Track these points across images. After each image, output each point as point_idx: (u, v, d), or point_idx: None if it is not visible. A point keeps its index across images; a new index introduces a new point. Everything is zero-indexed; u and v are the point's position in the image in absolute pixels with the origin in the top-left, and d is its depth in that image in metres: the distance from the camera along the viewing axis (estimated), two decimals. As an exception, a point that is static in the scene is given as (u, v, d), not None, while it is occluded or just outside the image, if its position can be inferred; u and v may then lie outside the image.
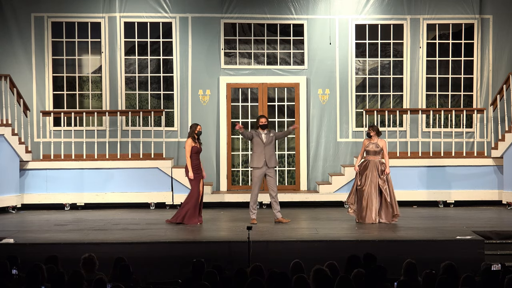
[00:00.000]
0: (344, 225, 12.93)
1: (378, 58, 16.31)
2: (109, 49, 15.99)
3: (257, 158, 13.05)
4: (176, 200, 15.22)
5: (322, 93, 16.15)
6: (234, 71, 16.13)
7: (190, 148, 13.01)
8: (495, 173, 15.23)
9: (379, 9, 16.10)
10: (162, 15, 16.01)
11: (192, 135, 13.09)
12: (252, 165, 13.13)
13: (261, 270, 7.95)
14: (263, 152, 13.04)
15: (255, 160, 13.07)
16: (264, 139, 13.08)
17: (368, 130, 13.21)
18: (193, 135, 13.09)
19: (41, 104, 15.93)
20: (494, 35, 16.06)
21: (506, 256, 11.14)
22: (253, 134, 13.13)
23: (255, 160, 13.07)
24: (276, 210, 13.12)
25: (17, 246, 10.94)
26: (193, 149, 13.01)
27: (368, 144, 13.08)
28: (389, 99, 16.37)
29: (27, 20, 15.86)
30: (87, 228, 12.63)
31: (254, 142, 13.13)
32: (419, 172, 15.31)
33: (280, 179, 16.12)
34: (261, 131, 13.13)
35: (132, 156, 15.48)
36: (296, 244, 11.10)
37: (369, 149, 13.07)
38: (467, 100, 16.32)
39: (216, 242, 11.20)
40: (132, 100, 16.17)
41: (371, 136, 13.13)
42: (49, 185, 15.12)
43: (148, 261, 10.68)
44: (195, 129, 13.12)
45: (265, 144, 13.06)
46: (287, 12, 16.09)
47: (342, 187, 15.32)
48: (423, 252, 10.70)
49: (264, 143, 13.06)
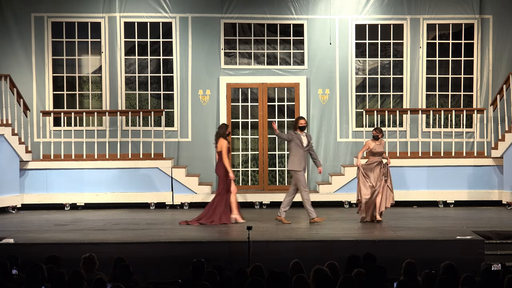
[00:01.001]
0: (344, 225, 12.93)
1: (378, 58, 16.31)
2: (109, 49, 15.99)
3: (298, 161, 12.92)
4: (176, 200, 15.22)
5: (322, 93, 16.15)
6: (234, 71, 16.13)
7: (226, 149, 13.01)
8: (495, 173, 15.23)
9: (379, 9, 16.10)
10: (162, 15, 16.01)
11: (223, 135, 13.09)
12: (294, 168, 12.97)
13: (261, 270, 7.95)
14: (303, 155, 12.96)
15: (297, 163, 12.92)
16: (304, 142, 13.00)
17: (376, 133, 13.18)
18: (224, 134, 13.10)
19: (41, 104, 15.93)
20: (494, 35, 16.06)
21: (506, 256, 11.14)
22: (292, 136, 13.01)
23: (297, 163, 12.92)
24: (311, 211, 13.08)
25: (17, 246, 10.94)
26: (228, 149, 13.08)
27: (374, 146, 13.09)
28: (389, 99, 16.37)
29: (27, 20, 15.86)
30: (87, 228, 12.64)
31: (293, 144, 12.99)
32: (419, 172, 15.31)
33: (280, 179, 16.12)
34: (300, 132, 13.06)
35: (132, 156, 15.48)
36: (296, 244, 11.10)
37: (376, 151, 13.09)
38: (467, 100, 16.32)
39: (216, 242, 11.20)
40: (132, 100, 16.17)
41: (379, 138, 13.16)
42: (49, 185, 15.12)
43: (148, 261, 10.68)
44: (225, 130, 13.14)
45: (305, 148, 12.99)
46: (287, 12, 16.09)
47: (342, 187, 15.32)
48: (423, 252, 10.70)
49: (304, 146, 12.99)
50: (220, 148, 13.07)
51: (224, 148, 13.01)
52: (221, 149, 13.05)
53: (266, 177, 16.05)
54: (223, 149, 13.01)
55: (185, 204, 15.25)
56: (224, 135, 13.12)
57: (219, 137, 13.13)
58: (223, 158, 13.00)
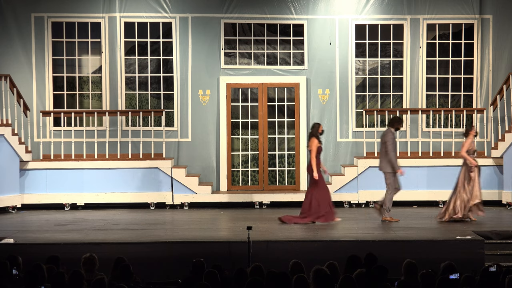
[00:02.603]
0: (344, 225, 12.93)
1: (378, 58, 16.31)
2: (109, 49, 16.00)
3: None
4: (176, 200, 15.22)
5: (322, 93, 16.16)
6: (234, 71, 16.13)
7: (316, 148, 13.01)
8: (495, 173, 15.23)
9: (379, 9, 16.10)
10: (162, 15, 16.01)
11: (316, 135, 13.10)
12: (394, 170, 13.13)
13: (261, 270, 7.95)
14: None
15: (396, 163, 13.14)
16: None
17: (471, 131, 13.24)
18: (316, 134, 13.10)
19: (41, 104, 15.93)
20: (494, 35, 16.06)
21: (506, 256, 11.15)
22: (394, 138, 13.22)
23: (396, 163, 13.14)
24: None
25: (17, 246, 10.94)
26: (318, 149, 13.03)
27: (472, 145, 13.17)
28: (389, 99, 16.37)
29: (27, 20, 15.86)
30: (87, 228, 12.64)
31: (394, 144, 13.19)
32: (419, 172, 15.31)
33: (280, 179, 16.12)
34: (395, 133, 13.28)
35: (132, 156, 15.48)
36: (296, 244, 11.10)
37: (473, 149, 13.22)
38: (467, 100, 16.32)
39: (216, 242, 11.20)
40: (132, 100, 16.17)
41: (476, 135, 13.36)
42: (49, 185, 15.12)
43: (148, 261, 10.68)
44: (318, 129, 13.14)
45: None
46: (287, 12, 16.09)
47: (342, 187, 15.32)
48: (423, 252, 10.70)
49: None
50: (310, 147, 13.10)
51: (314, 147, 13.01)
52: (311, 148, 13.07)
53: (266, 177, 16.05)
54: (313, 148, 13.02)
55: (185, 204, 15.25)
56: (316, 134, 13.11)
57: (311, 136, 13.14)
58: (311, 157, 13.01)
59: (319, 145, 13.01)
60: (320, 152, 13.07)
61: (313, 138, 13.05)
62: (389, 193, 13.15)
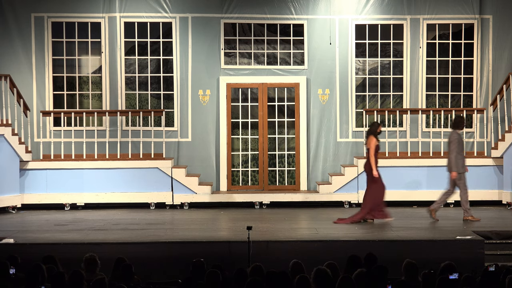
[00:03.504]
0: (344, 225, 12.92)
1: (378, 58, 16.31)
2: (109, 49, 16.00)
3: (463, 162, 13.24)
4: (176, 200, 15.22)
5: (322, 93, 16.16)
6: (234, 71, 16.13)
7: (374, 146, 13.05)
8: (495, 173, 15.23)
9: (379, 9, 16.10)
10: (162, 15, 16.01)
11: (374, 133, 13.13)
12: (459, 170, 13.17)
13: (261, 270, 7.95)
14: None
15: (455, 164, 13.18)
16: None
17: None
18: (375, 133, 13.14)
19: (41, 104, 15.93)
20: (494, 35, 16.06)
21: (506, 256, 11.15)
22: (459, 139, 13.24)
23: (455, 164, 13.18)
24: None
25: (17, 246, 10.94)
26: (376, 147, 13.06)
27: None
28: (389, 99, 16.37)
29: (27, 20, 15.86)
30: (87, 228, 12.64)
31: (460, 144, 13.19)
32: (419, 172, 15.31)
33: (280, 179, 16.12)
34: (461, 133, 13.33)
35: (132, 156, 15.48)
36: (296, 244, 11.10)
37: None
38: (467, 100, 16.32)
39: (216, 242, 11.20)
40: (132, 100, 16.18)
41: None
42: (49, 185, 15.12)
43: (148, 261, 10.68)
44: (376, 128, 13.17)
45: None
46: (287, 12, 16.09)
47: (342, 187, 15.32)
48: (423, 252, 10.70)
49: None
50: (369, 145, 13.14)
51: (373, 145, 13.06)
52: (369, 146, 13.10)
53: (266, 177, 16.05)
54: (371, 146, 13.06)
55: (185, 204, 15.25)
56: (375, 133, 13.16)
57: (370, 134, 13.18)
58: (370, 155, 13.04)
59: (377, 144, 13.10)
60: (378, 150, 13.14)
61: (371, 137, 13.12)
62: (463, 193, 13.20)
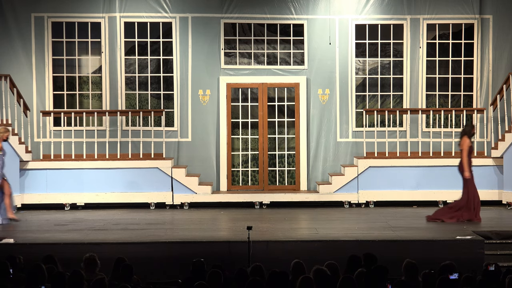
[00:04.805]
0: (344, 225, 12.93)
1: (378, 58, 16.31)
2: (109, 49, 15.99)
3: None
4: (176, 200, 15.22)
5: (322, 93, 16.16)
6: (234, 71, 16.13)
7: (467, 147, 13.06)
8: (495, 173, 15.23)
9: (379, 9, 16.10)
10: (162, 15, 16.01)
11: (469, 134, 13.14)
12: None
13: (261, 270, 7.94)
14: None
15: None
16: None
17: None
18: (469, 134, 13.15)
19: (41, 104, 15.93)
20: (494, 35, 16.06)
21: (506, 256, 11.14)
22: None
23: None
24: None
25: (17, 246, 10.94)
26: (469, 148, 13.09)
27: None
28: (389, 99, 16.37)
29: (27, 20, 15.86)
30: (87, 228, 12.64)
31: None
32: (419, 172, 15.31)
33: (280, 179, 16.12)
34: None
35: (132, 156, 15.48)
36: (296, 244, 11.09)
37: None
38: (467, 100, 16.32)
39: (216, 242, 11.19)
40: (132, 100, 16.17)
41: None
42: (49, 185, 15.12)
43: (148, 261, 10.68)
44: (471, 129, 13.19)
45: None
46: (287, 12, 16.09)
47: (342, 187, 15.31)
48: (423, 252, 10.70)
49: None
50: (462, 146, 13.15)
51: (466, 146, 13.06)
52: (463, 147, 13.11)
53: (266, 177, 16.05)
54: (464, 148, 13.07)
55: (185, 204, 15.25)
56: (469, 133, 13.16)
57: (464, 135, 13.20)
58: (463, 156, 13.05)
59: (470, 145, 13.11)
60: (471, 151, 13.16)
61: (465, 137, 13.13)
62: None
